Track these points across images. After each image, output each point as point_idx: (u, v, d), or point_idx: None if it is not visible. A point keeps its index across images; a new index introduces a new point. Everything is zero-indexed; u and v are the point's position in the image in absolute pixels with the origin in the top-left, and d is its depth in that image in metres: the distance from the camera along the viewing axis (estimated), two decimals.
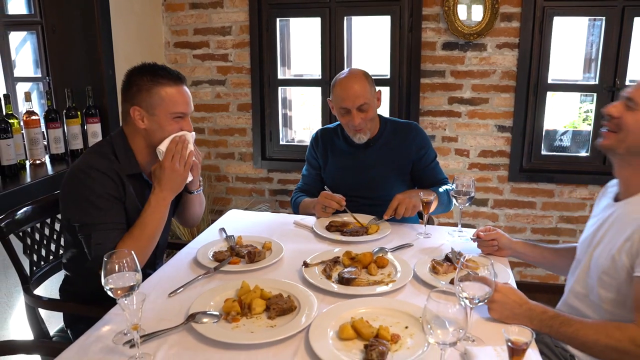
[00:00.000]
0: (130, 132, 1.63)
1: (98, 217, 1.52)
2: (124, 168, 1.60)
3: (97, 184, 1.53)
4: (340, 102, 2.04)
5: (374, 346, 1.15)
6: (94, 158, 1.59)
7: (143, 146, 1.63)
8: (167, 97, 1.57)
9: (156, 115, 1.57)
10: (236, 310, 1.33)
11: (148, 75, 1.57)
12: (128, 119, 1.61)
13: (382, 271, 1.61)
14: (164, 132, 1.59)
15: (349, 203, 2.13)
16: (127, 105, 1.59)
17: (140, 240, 1.53)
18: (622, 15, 2.74)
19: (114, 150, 1.61)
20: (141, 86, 1.56)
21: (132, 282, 1.20)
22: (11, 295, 2.10)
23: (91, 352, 1.21)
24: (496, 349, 1.18)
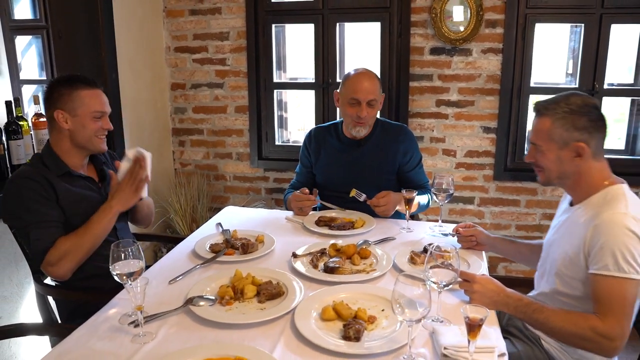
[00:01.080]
0: (55, 138, 1.78)
1: (31, 219, 1.66)
2: (52, 171, 1.74)
3: (24, 189, 1.68)
4: (352, 93, 2.17)
5: (351, 325, 1.30)
6: (21, 170, 1.75)
7: (68, 147, 1.77)
8: (87, 99, 1.74)
9: (78, 115, 1.73)
10: (230, 294, 1.47)
11: (67, 83, 1.74)
12: (53, 124, 1.76)
13: (364, 261, 1.76)
14: (87, 131, 1.75)
15: (338, 199, 2.28)
16: (51, 111, 1.74)
17: (82, 237, 1.68)
18: (600, 22, 2.88)
19: (42, 159, 1.76)
20: (62, 92, 1.72)
21: (135, 268, 1.35)
22: (22, 286, 2.25)
23: (100, 331, 1.35)
24: (460, 327, 1.31)
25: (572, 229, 1.50)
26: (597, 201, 1.45)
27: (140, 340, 1.30)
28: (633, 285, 1.32)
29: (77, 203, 1.76)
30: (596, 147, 1.45)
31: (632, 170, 3.08)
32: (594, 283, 1.37)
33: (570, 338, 1.39)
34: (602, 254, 1.34)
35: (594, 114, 1.44)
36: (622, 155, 3.21)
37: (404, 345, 1.25)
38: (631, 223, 1.33)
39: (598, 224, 1.37)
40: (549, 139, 1.47)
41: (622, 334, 1.32)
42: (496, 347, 1.25)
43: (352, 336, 1.27)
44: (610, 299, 1.33)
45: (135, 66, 3.08)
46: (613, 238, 1.34)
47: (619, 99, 3.23)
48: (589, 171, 1.47)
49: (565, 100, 1.47)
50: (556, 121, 1.45)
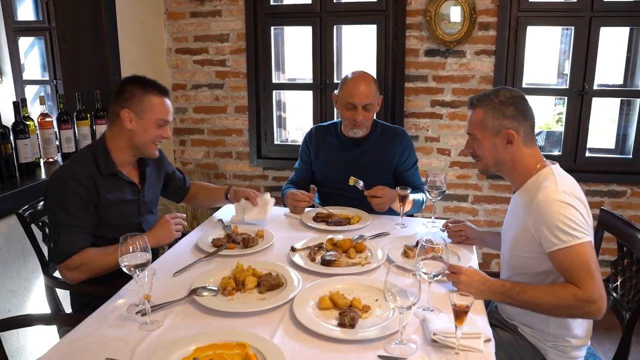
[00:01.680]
0: (112, 133, 1.86)
1: (67, 220, 1.75)
2: (101, 169, 1.81)
3: (68, 189, 1.75)
4: (348, 98, 2.24)
5: (346, 313, 1.38)
6: (71, 165, 1.82)
7: (123, 145, 1.85)
8: (156, 105, 1.82)
9: (144, 119, 1.81)
10: (232, 285, 1.55)
11: (140, 85, 1.82)
12: (115, 120, 1.83)
13: (360, 255, 1.84)
14: (147, 136, 1.83)
15: (336, 196, 2.37)
16: (118, 108, 1.81)
17: (107, 257, 1.75)
18: (589, 24, 2.97)
19: (94, 153, 1.84)
20: (134, 92, 1.80)
21: (143, 260, 1.43)
22: (29, 280, 2.32)
23: (109, 319, 1.43)
24: (449, 316, 1.39)
25: (515, 214, 1.65)
26: (532, 185, 1.58)
27: (148, 327, 1.38)
28: (588, 246, 1.44)
29: (115, 207, 1.85)
30: (525, 134, 1.59)
31: (621, 168, 3.17)
32: (555, 259, 1.47)
33: (557, 310, 1.47)
34: (550, 232, 1.45)
35: (520, 104, 1.59)
36: (612, 154, 3.29)
37: (395, 331, 1.33)
38: (562, 196, 1.46)
39: (535, 206, 1.50)
40: (483, 127, 1.61)
41: (600, 293, 1.41)
42: (482, 332, 1.33)
43: (348, 323, 1.35)
44: (576, 266, 1.43)
45: (138, 68, 3.16)
46: (551, 214, 1.45)
47: (610, 100, 3.31)
48: (522, 157, 1.60)
49: (495, 93, 1.62)
50: (488, 111, 1.60)
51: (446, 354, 1.28)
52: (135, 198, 1.93)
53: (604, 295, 1.42)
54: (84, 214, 1.77)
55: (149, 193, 2.01)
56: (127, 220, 1.92)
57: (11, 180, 2.34)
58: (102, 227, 1.83)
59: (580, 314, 1.48)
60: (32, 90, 4.51)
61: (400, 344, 1.29)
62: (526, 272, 1.62)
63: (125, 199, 1.89)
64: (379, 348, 1.29)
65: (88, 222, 1.79)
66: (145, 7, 3.23)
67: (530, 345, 1.64)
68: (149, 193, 2.01)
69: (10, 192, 2.19)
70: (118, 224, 1.85)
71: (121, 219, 1.88)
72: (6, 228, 2.18)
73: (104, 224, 1.82)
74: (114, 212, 1.84)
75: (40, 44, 4.34)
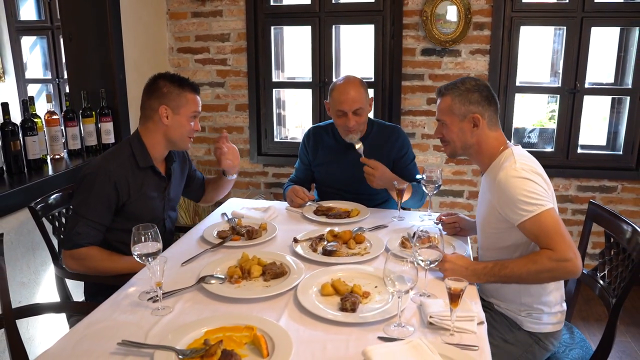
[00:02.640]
0: (148, 130, 1.96)
1: (87, 213, 1.84)
2: (139, 162, 1.92)
3: (98, 185, 1.85)
4: (337, 105, 2.26)
5: (347, 298, 1.46)
6: (108, 161, 1.91)
7: (159, 141, 1.96)
8: (191, 102, 1.95)
9: (180, 114, 1.93)
10: (238, 274, 1.63)
11: (177, 83, 1.94)
12: (152, 116, 1.93)
13: (359, 246, 1.92)
14: (182, 129, 1.95)
15: (335, 195, 2.45)
16: (155, 103, 1.92)
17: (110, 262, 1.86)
18: (581, 25, 3.06)
19: (131, 147, 1.94)
20: (172, 90, 1.92)
21: (154, 249, 1.50)
22: (38, 272, 2.39)
23: (122, 306, 1.51)
24: (445, 300, 1.48)
25: (483, 196, 1.79)
26: (495, 167, 1.71)
27: (160, 312, 1.46)
28: (553, 212, 1.55)
29: (144, 201, 1.95)
30: (489, 118, 1.72)
31: (612, 164, 3.26)
32: (526, 229, 1.57)
33: (538, 275, 1.55)
34: (515, 207, 1.56)
35: (484, 91, 1.72)
36: (604, 150, 3.38)
37: (394, 315, 1.41)
38: (520, 172, 1.58)
39: (498, 184, 1.62)
40: (451, 113, 1.74)
41: (573, 251, 1.50)
42: (476, 315, 1.41)
43: (349, 307, 1.43)
44: (545, 231, 1.53)
45: (141, 67, 3.23)
46: (513, 189, 1.57)
47: (601, 98, 3.40)
48: (487, 140, 1.72)
49: (461, 82, 1.75)
50: (455, 98, 1.73)
51: (442, 335, 1.36)
52: (162, 194, 2.03)
53: (577, 252, 1.52)
54: (104, 212, 1.87)
55: (174, 190, 2.11)
56: (154, 215, 2.01)
57: (20, 176, 2.41)
58: (130, 222, 1.87)
59: (560, 275, 1.56)
60: (34, 88, 4.58)
61: (398, 327, 1.37)
62: (495, 247, 1.74)
63: (154, 194, 1.99)
64: (379, 330, 1.37)
65: (105, 220, 1.89)
66: (147, 7, 3.30)
67: (505, 318, 1.74)
68: (174, 190, 2.11)
69: (20, 188, 2.26)
70: (145, 219, 1.89)
71: (148, 214, 1.97)
72: (16, 222, 2.25)
73: (132, 218, 1.90)
74: (142, 207, 1.94)
75: (43, 43, 4.42)
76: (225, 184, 2.35)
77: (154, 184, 1.99)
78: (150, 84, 1.97)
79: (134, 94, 3.13)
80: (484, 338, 1.36)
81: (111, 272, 1.87)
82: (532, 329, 1.71)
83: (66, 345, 1.31)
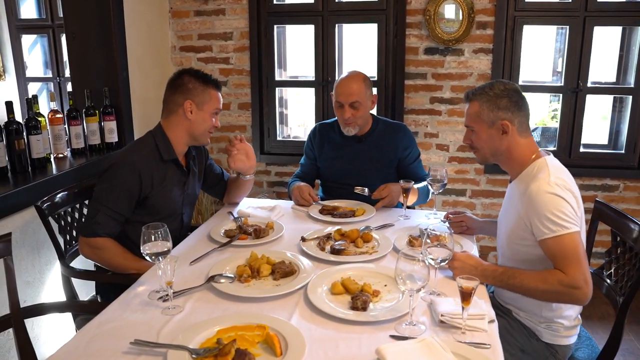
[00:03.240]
0: (171, 124, 1.98)
1: (108, 202, 1.87)
2: (163, 155, 1.95)
3: (121, 175, 1.87)
4: (337, 97, 2.36)
5: (358, 297, 1.46)
6: (133, 152, 1.93)
7: (181, 135, 1.99)
8: (214, 98, 1.99)
9: (203, 110, 1.96)
10: (247, 273, 1.63)
11: (201, 79, 1.97)
12: (176, 110, 1.95)
13: (367, 245, 1.92)
14: (205, 124, 1.98)
15: (340, 190, 2.45)
16: (180, 99, 1.94)
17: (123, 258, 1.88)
18: (583, 24, 3.06)
19: (154, 140, 1.96)
20: (196, 85, 1.95)
21: (164, 248, 1.50)
22: (43, 272, 2.39)
23: (132, 305, 1.50)
24: (455, 299, 1.48)
25: (511, 204, 1.73)
26: (526, 176, 1.66)
27: (170, 312, 1.45)
28: (576, 236, 1.52)
29: (166, 194, 1.98)
30: (519, 124, 1.67)
31: (614, 163, 3.27)
32: (546, 246, 1.55)
33: (544, 295, 1.55)
34: (540, 222, 1.54)
35: (514, 96, 1.67)
36: (605, 149, 3.39)
37: (405, 314, 1.41)
38: (553, 188, 1.54)
39: (528, 195, 1.58)
40: (479, 119, 1.70)
41: (585, 280, 1.48)
42: (486, 314, 1.42)
43: (360, 306, 1.44)
44: (563, 254, 1.51)
45: (144, 65, 3.22)
46: (543, 204, 1.54)
47: (603, 97, 3.41)
48: (517, 147, 1.68)
49: (489, 86, 1.70)
50: (483, 104, 1.68)
51: (453, 333, 1.36)
52: (182, 189, 2.05)
53: (588, 281, 1.49)
54: (125, 203, 1.89)
55: (192, 185, 2.12)
56: (173, 209, 2.04)
57: (24, 175, 2.40)
58: (149, 215, 1.94)
59: (566, 299, 1.55)
60: (35, 87, 4.56)
61: (410, 325, 1.38)
62: (518, 258, 1.70)
63: (175, 188, 2.01)
64: (390, 329, 1.38)
65: (125, 211, 1.90)
66: (150, 5, 3.29)
67: (524, 327, 1.73)
68: (192, 185, 2.12)
69: (24, 187, 2.25)
70: (164, 213, 1.98)
71: (168, 208, 2.00)
72: (21, 221, 2.25)
73: (152, 212, 1.94)
74: (163, 200, 1.97)
75: (43, 41, 4.39)
76: (243, 184, 2.33)
77: (175, 178, 2.02)
78: (174, 79, 1.99)
79: (137, 92, 3.12)
80: (495, 336, 1.36)
81: (122, 268, 1.88)
82: (550, 341, 1.69)
83: (78, 344, 1.31)
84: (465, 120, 1.78)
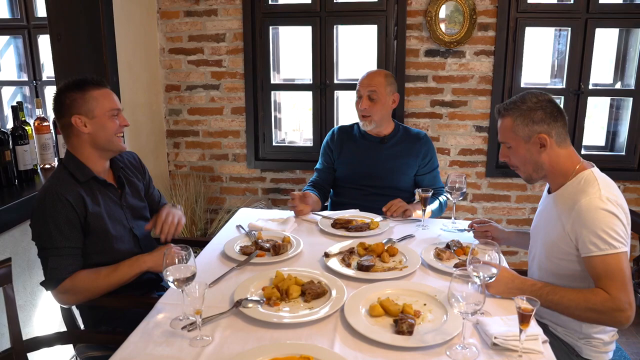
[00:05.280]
0: (74, 145, 1.75)
1: (52, 243, 1.64)
2: (78, 179, 1.72)
3: (50, 209, 1.64)
4: (358, 87, 2.38)
5: (403, 320, 1.36)
6: (51, 183, 1.70)
7: (89, 152, 1.75)
8: (100, 98, 1.72)
9: (96, 117, 1.71)
10: (276, 295, 1.51)
11: (76, 87, 1.72)
12: (71, 131, 1.72)
13: (393, 259, 1.82)
14: (107, 130, 1.73)
15: (357, 191, 2.44)
16: (66, 119, 1.70)
17: (103, 280, 1.67)
18: (585, 26, 3.05)
19: (66, 167, 1.73)
20: (74, 96, 1.70)
21: (189, 273, 1.37)
22: (35, 294, 2.20)
23: (155, 336, 1.36)
24: (502, 318, 1.41)
25: (552, 216, 1.64)
26: (572, 188, 1.58)
27: (199, 343, 1.32)
28: (624, 256, 1.46)
29: (103, 213, 1.74)
30: (557, 136, 1.60)
31: (611, 165, 3.27)
32: (590, 264, 1.48)
33: (584, 313, 1.48)
34: (590, 238, 1.46)
35: (548, 107, 1.59)
36: (603, 151, 3.40)
37: (454, 336, 1.32)
38: (607, 204, 1.47)
39: (578, 210, 1.50)
40: (514, 135, 1.62)
41: (629, 302, 1.42)
42: (539, 334, 1.34)
43: (406, 330, 1.34)
44: (610, 273, 1.44)
45: (133, 68, 3.05)
46: (594, 221, 1.46)
47: (599, 99, 3.41)
48: (558, 159, 1.61)
49: (521, 99, 1.63)
50: (516, 119, 1.61)
51: (508, 357, 1.28)
52: (118, 203, 1.83)
53: (632, 304, 1.43)
54: (71, 233, 1.66)
55: (132, 197, 1.90)
56: (120, 225, 1.81)
57: (10, 189, 2.21)
58: (100, 240, 1.73)
59: (607, 321, 1.48)
60: (8, 91, 4.29)
61: (463, 349, 1.29)
62: (563, 273, 1.62)
63: (111, 204, 1.80)
64: (442, 354, 1.28)
65: (75, 241, 1.67)
66: (139, 5, 3.11)
67: (563, 343, 1.67)
68: (132, 197, 1.90)
69: (14, 203, 2.07)
70: (114, 231, 1.76)
71: (114, 226, 1.77)
72: (11, 240, 2.07)
73: (100, 235, 1.73)
74: (103, 220, 1.74)
75: (17, 42, 4.13)
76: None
77: (106, 196, 1.80)
78: (53, 103, 1.75)
79: (127, 97, 2.95)
80: (552, 357, 1.29)
81: (109, 287, 1.69)
82: (590, 357, 1.63)
83: None
84: (499, 136, 1.70)
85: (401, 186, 2.41)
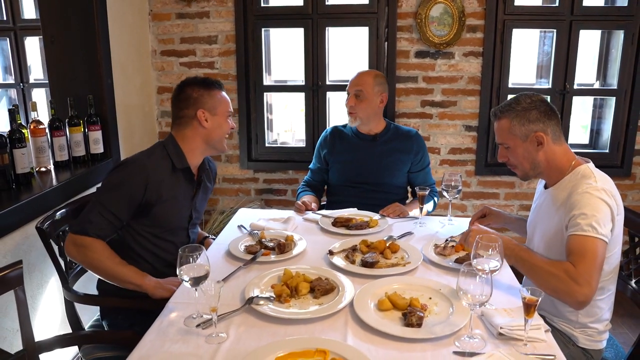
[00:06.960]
0: (185, 136, 1.89)
1: (105, 201, 1.76)
2: (175, 163, 1.86)
3: (129, 177, 1.78)
4: (347, 86, 2.48)
5: (412, 313, 1.41)
6: (143, 156, 1.86)
7: (198, 145, 1.90)
8: (222, 99, 1.91)
9: (218, 114, 1.89)
10: (286, 292, 1.55)
11: (203, 84, 1.89)
12: (190, 123, 1.87)
13: (395, 255, 1.87)
14: (222, 130, 1.92)
15: (352, 189, 2.49)
16: (191, 111, 1.86)
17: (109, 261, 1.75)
18: (570, 28, 3.15)
19: (166, 150, 1.87)
20: (202, 92, 1.87)
21: (203, 272, 1.40)
22: (35, 297, 2.19)
23: (170, 334, 1.39)
24: (506, 309, 1.47)
25: (549, 210, 1.72)
26: (569, 183, 1.66)
27: (215, 340, 1.35)
28: (603, 246, 1.51)
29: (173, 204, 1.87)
30: (553, 133, 1.68)
31: (596, 162, 3.26)
32: (570, 240, 1.53)
33: (545, 275, 1.51)
34: (579, 219, 1.52)
35: (541, 106, 1.68)
36: (586, 149, 3.51)
37: (461, 327, 1.38)
38: (603, 195, 1.55)
39: (573, 197, 1.57)
40: (512, 136, 1.70)
41: (589, 282, 1.44)
42: (541, 324, 1.40)
43: (415, 323, 1.39)
44: (584, 251, 1.49)
45: (127, 71, 3.04)
46: (588, 205, 1.53)
47: (583, 98, 3.52)
48: (554, 155, 1.69)
49: (515, 101, 1.71)
50: (513, 120, 1.69)
51: (514, 345, 1.34)
52: (190, 202, 1.95)
53: (592, 287, 1.45)
54: (124, 206, 1.78)
55: (200, 201, 2.01)
56: (179, 224, 1.94)
57: (8, 192, 2.20)
58: (154, 226, 1.85)
59: (562, 291, 1.48)
60: None
61: (470, 339, 1.34)
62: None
63: (183, 200, 1.91)
64: (450, 344, 1.34)
65: (122, 215, 1.79)
66: (130, 6, 3.10)
67: (560, 333, 1.73)
68: (200, 201, 2.01)
69: (13, 207, 2.06)
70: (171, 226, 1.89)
71: (174, 221, 1.90)
72: (12, 244, 2.05)
73: (157, 224, 1.85)
74: (170, 212, 1.86)
75: (4, 44, 4.08)
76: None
77: (185, 191, 1.92)
78: (177, 94, 1.92)
79: (121, 99, 2.94)
80: (555, 346, 1.35)
81: (107, 272, 1.76)
82: (587, 346, 1.69)
83: None
84: (497, 137, 1.77)
85: (395, 183, 2.48)
